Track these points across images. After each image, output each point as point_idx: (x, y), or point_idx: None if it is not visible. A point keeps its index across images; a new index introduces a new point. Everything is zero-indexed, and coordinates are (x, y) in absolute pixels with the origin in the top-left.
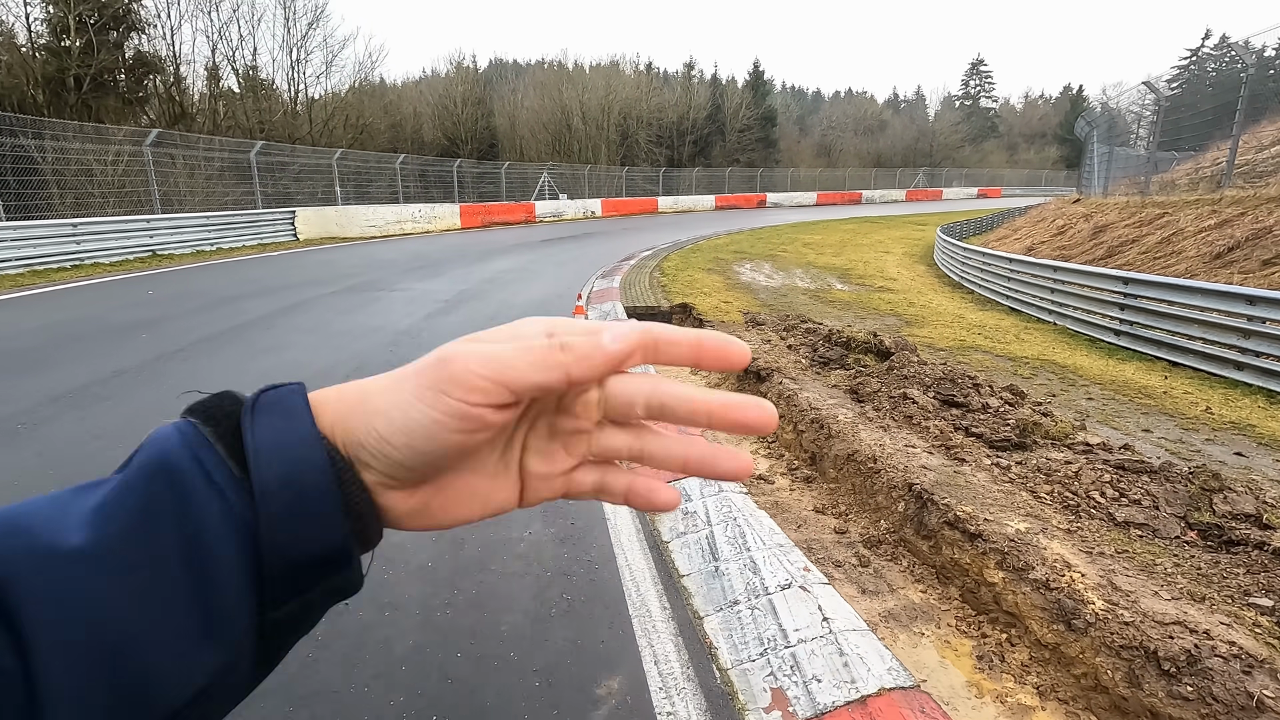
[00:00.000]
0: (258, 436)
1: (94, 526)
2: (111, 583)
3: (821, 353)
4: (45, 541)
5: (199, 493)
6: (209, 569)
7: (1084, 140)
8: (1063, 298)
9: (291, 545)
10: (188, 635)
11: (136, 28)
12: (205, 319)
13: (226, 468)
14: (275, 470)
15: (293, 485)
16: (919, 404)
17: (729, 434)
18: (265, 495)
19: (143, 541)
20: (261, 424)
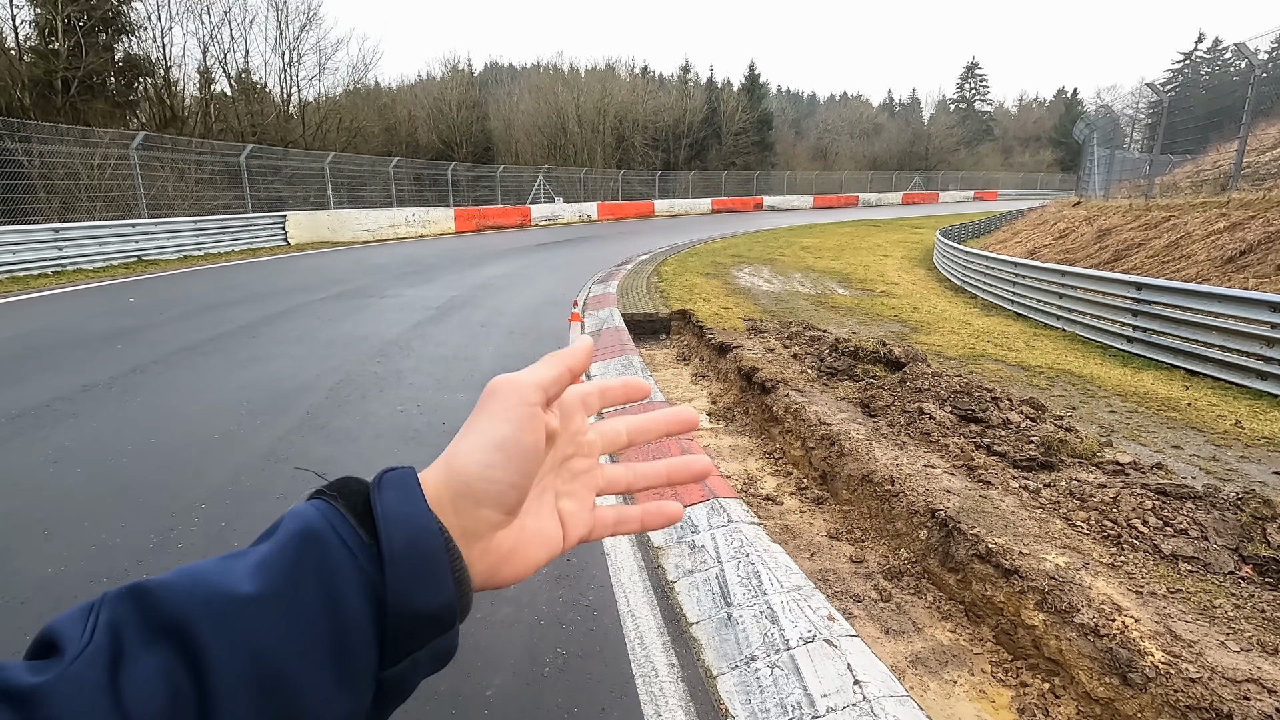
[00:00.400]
0: (385, 508)
1: (258, 577)
2: (273, 625)
3: (829, 363)
4: (223, 589)
5: (336, 552)
6: (344, 621)
7: (1082, 143)
8: (1072, 303)
9: (410, 603)
10: (328, 680)
11: (127, 30)
12: (187, 327)
13: (358, 535)
14: (400, 537)
15: (415, 549)
16: (936, 419)
17: None
18: (393, 557)
19: (296, 591)
20: (387, 498)
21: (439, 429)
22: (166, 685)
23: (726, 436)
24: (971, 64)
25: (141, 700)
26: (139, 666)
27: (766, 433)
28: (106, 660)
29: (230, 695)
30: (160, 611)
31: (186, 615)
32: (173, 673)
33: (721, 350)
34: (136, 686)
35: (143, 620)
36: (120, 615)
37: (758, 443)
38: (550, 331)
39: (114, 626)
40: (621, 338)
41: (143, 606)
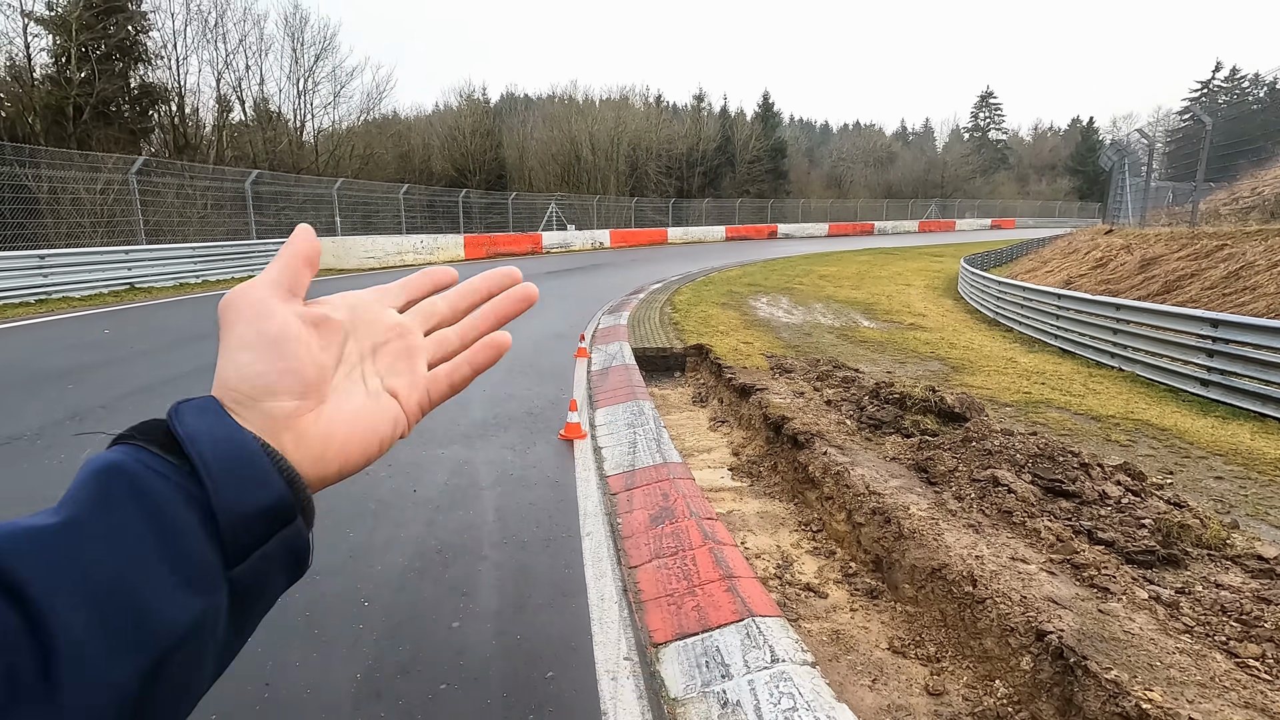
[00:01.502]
0: (189, 426)
1: (65, 510)
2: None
3: (870, 412)
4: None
5: (147, 479)
6: (174, 531)
7: (1109, 170)
8: (1129, 339)
9: (239, 506)
10: (168, 583)
11: (143, 59)
12: (152, 364)
13: (166, 460)
14: (210, 449)
15: (229, 455)
16: (1016, 493)
17: None
18: (207, 469)
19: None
20: (188, 420)
21: (408, 496)
22: None
23: (753, 499)
24: (986, 93)
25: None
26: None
27: (800, 496)
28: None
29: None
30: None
31: None
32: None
33: (743, 392)
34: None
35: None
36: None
37: (790, 509)
38: (554, 369)
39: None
40: (631, 378)
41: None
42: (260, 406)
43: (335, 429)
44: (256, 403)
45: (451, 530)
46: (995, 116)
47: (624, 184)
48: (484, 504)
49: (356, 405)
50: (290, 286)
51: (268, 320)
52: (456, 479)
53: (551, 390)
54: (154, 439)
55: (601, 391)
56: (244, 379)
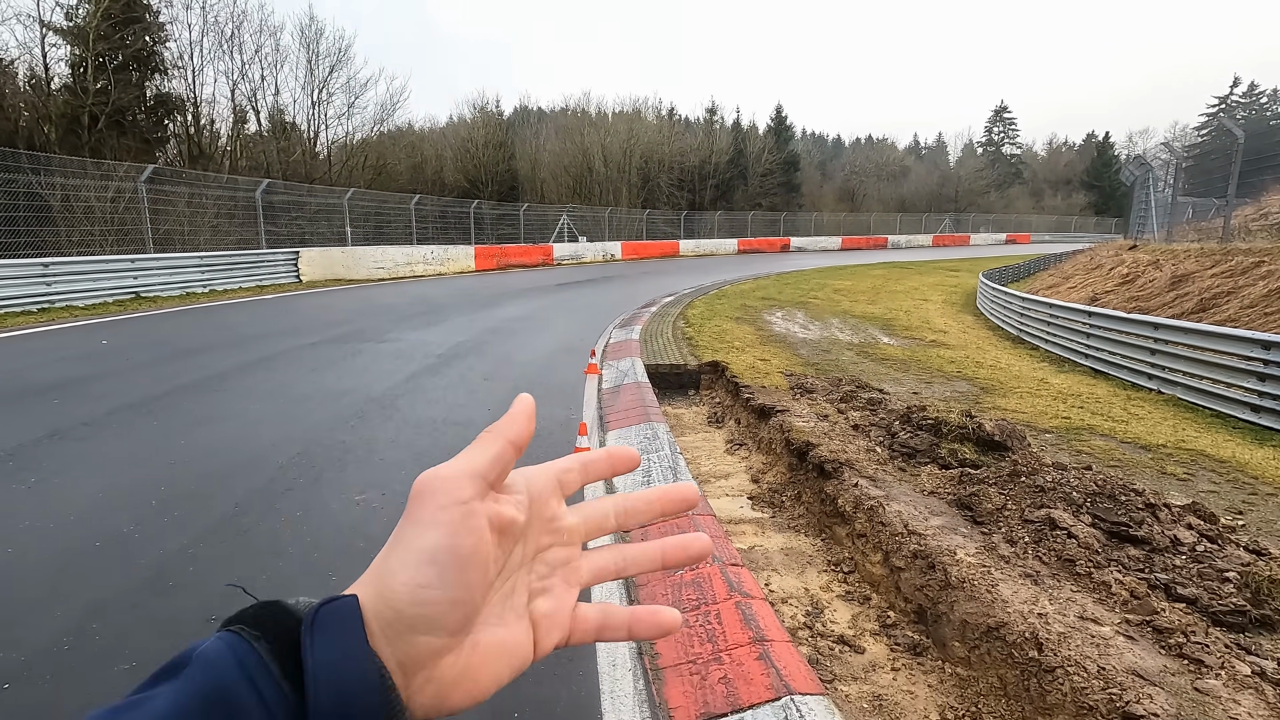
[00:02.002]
0: (317, 660)
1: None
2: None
3: (902, 439)
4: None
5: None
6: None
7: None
8: (1168, 360)
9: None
10: None
11: (160, 70)
12: (146, 377)
13: (280, 690)
14: (331, 696)
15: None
16: (1078, 538)
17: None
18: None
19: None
20: (320, 644)
21: None
22: None
23: (775, 533)
24: (1000, 107)
25: None
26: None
27: (828, 531)
28: None
29: None
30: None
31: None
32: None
33: (763, 414)
34: None
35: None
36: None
37: (817, 545)
38: (562, 386)
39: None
40: (644, 397)
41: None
42: (414, 640)
43: (471, 665)
44: (413, 635)
45: None
46: (1009, 131)
47: (636, 196)
48: None
49: (494, 636)
50: (494, 480)
51: (465, 534)
52: None
53: (560, 410)
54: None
55: (613, 412)
56: (417, 602)
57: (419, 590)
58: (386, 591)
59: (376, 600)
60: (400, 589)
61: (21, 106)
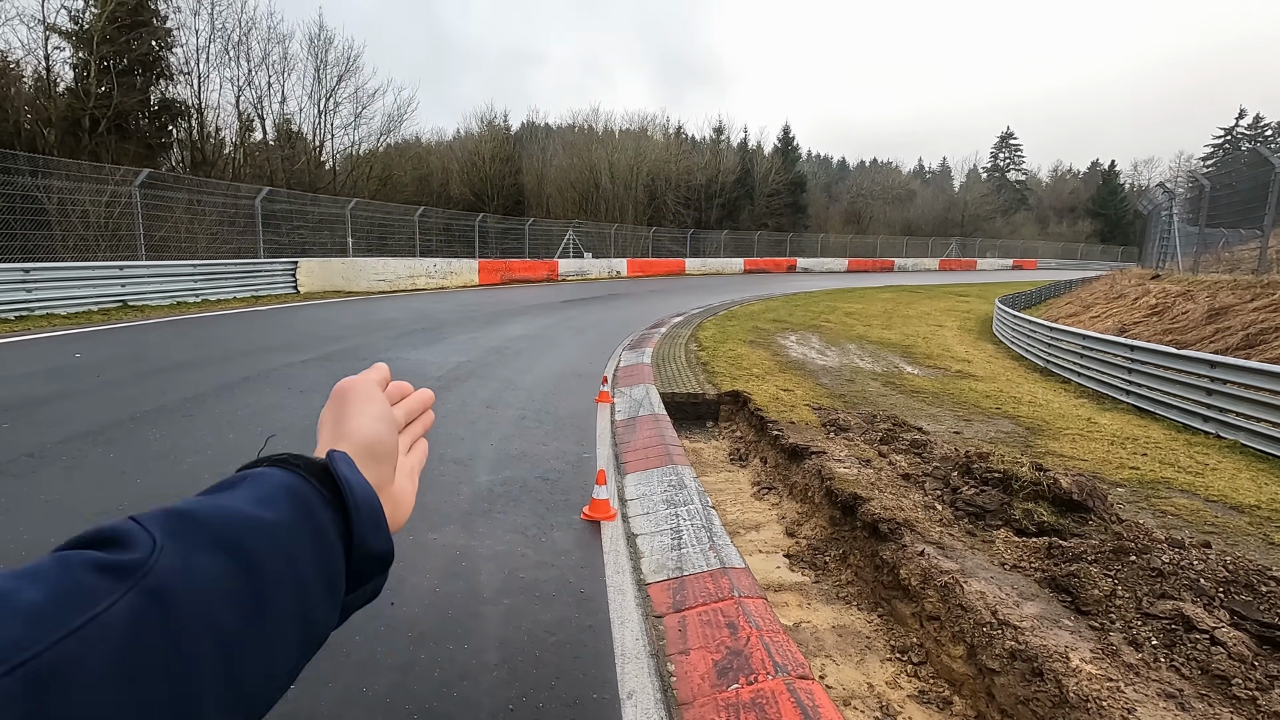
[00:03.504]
0: (344, 475)
1: (271, 509)
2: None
3: (966, 495)
4: (251, 515)
5: (316, 502)
6: (332, 554)
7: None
8: (1226, 401)
9: (367, 546)
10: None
11: (165, 75)
12: (114, 398)
13: (326, 495)
14: (359, 497)
15: (369, 506)
16: (1225, 645)
17: None
18: (357, 510)
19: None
20: (341, 469)
21: (382, 613)
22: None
23: (822, 605)
24: (1006, 133)
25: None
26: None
27: (886, 604)
28: (180, 558)
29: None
30: (208, 528)
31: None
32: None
33: (794, 454)
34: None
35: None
36: (171, 527)
37: (874, 621)
38: (572, 417)
39: (173, 535)
40: (664, 433)
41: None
42: (380, 468)
43: (399, 494)
44: (378, 464)
45: (435, 684)
46: (1015, 157)
47: (642, 213)
48: (485, 632)
49: (404, 484)
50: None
51: (387, 405)
52: (450, 584)
53: (571, 446)
54: (315, 474)
55: (630, 450)
56: (381, 442)
57: (379, 435)
58: (359, 438)
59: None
60: (369, 434)
61: (25, 109)
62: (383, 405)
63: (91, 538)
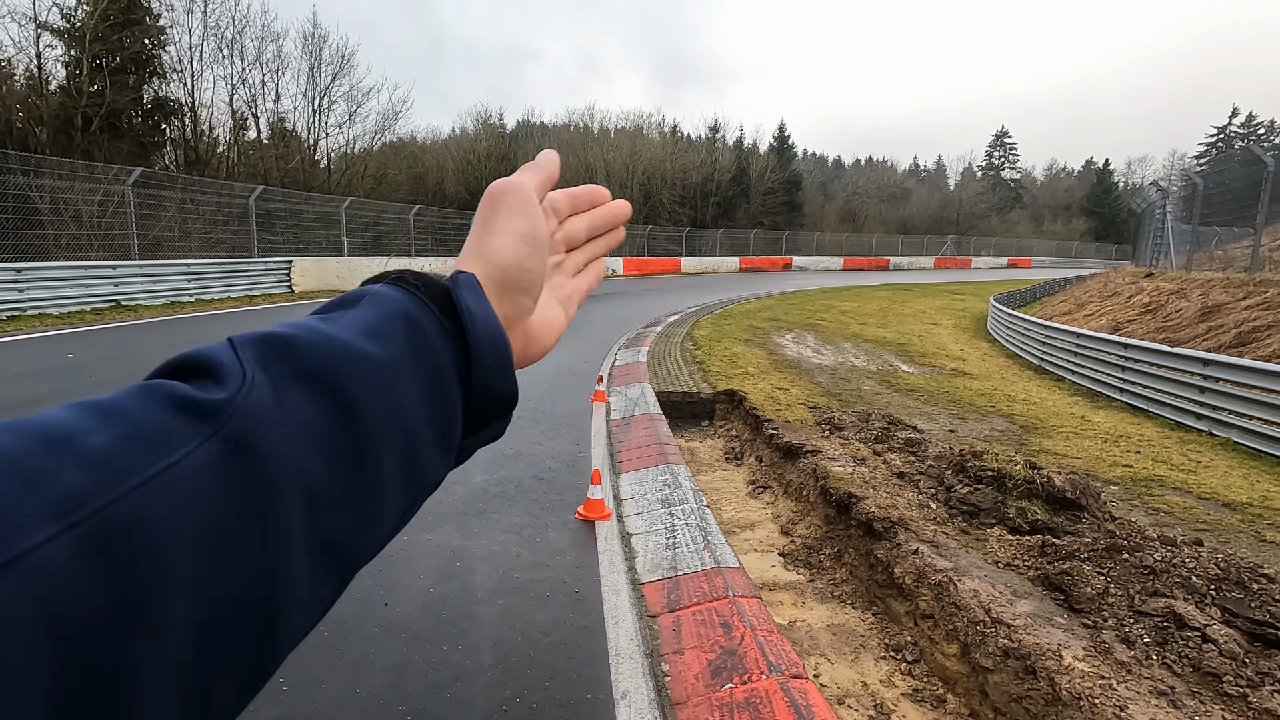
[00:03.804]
0: (467, 306)
1: (378, 343)
2: (398, 385)
3: (961, 494)
4: (355, 347)
5: (434, 336)
6: (447, 396)
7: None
8: (1218, 399)
9: (490, 388)
10: (430, 439)
11: (158, 73)
12: None
13: (445, 327)
14: (483, 332)
15: (493, 344)
16: (1217, 643)
17: None
18: (478, 346)
19: (408, 361)
20: (466, 297)
21: (375, 615)
22: (322, 415)
23: (817, 603)
24: (1001, 132)
25: (305, 423)
26: (297, 400)
27: (881, 603)
28: (271, 393)
29: (373, 432)
30: (306, 359)
31: (332, 364)
32: (324, 408)
33: (789, 453)
34: (299, 412)
35: (290, 364)
36: (266, 357)
37: (869, 620)
38: (568, 416)
39: (265, 365)
40: (659, 432)
41: (287, 351)
42: (516, 299)
43: (536, 329)
44: (515, 294)
45: (429, 685)
46: (1010, 156)
47: (638, 212)
48: (479, 633)
49: (547, 313)
50: (542, 197)
51: (540, 223)
52: (444, 585)
53: (566, 445)
54: (436, 300)
55: (625, 449)
56: (522, 269)
57: (522, 259)
58: (498, 261)
59: (488, 269)
60: (509, 259)
61: (16, 107)
62: (531, 221)
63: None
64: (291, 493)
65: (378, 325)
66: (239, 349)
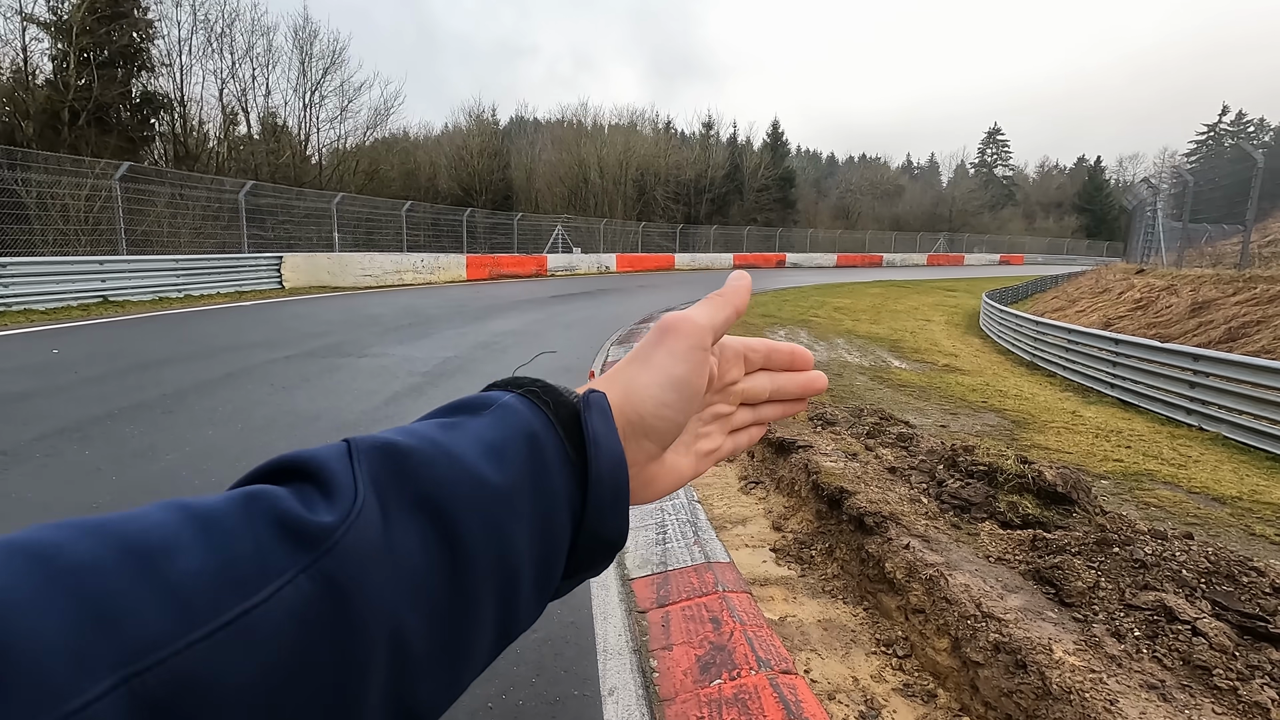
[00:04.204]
0: (595, 432)
1: (500, 470)
2: (511, 522)
3: (952, 488)
4: (474, 473)
5: (555, 464)
6: (554, 533)
7: (1133, 210)
8: (1208, 394)
9: (600, 529)
10: (531, 583)
11: (146, 67)
12: (92, 394)
13: (568, 451)
14: (606, 465)
15: (614, 478)
16: (1207, 636)
17: None
18: (599, 483)
19: (525, 494)
20: (595, 421)
21: None
22: (427, 555)
23: (808, 598)
24: (994, 129)
25: (408, 565)
26: (403, 531)
27: (872, 598)
28: (379, 519)
29: (477, 578)
30: (419, 482)
31: (444, 492)
32: (431, 545)
33: (781, 449)
34: (404, 550)
35: (402, 485)
36: (381, 473)
37: (860, 615)
38: None
39: (378, 485)
40: None
41: (402, 472)
42: (644, 444)
43: (653, 477)
44: (643, 439)
45: None
46: (1003, 153)
47: (631, 208)
48: None
49: (675, 463)
50: (718, 337)
51: (700, 372)
52: None
53: None
54: (563, 419)
55: None
56: (659, 416)
57: (662, 407)
58: (635, 399)
59: (623, 403)
60: (649, 401)
61: (2, 101)
62: (693, 368)
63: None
64: (380, 649)
65: (501, 444)
66: (355, 458)
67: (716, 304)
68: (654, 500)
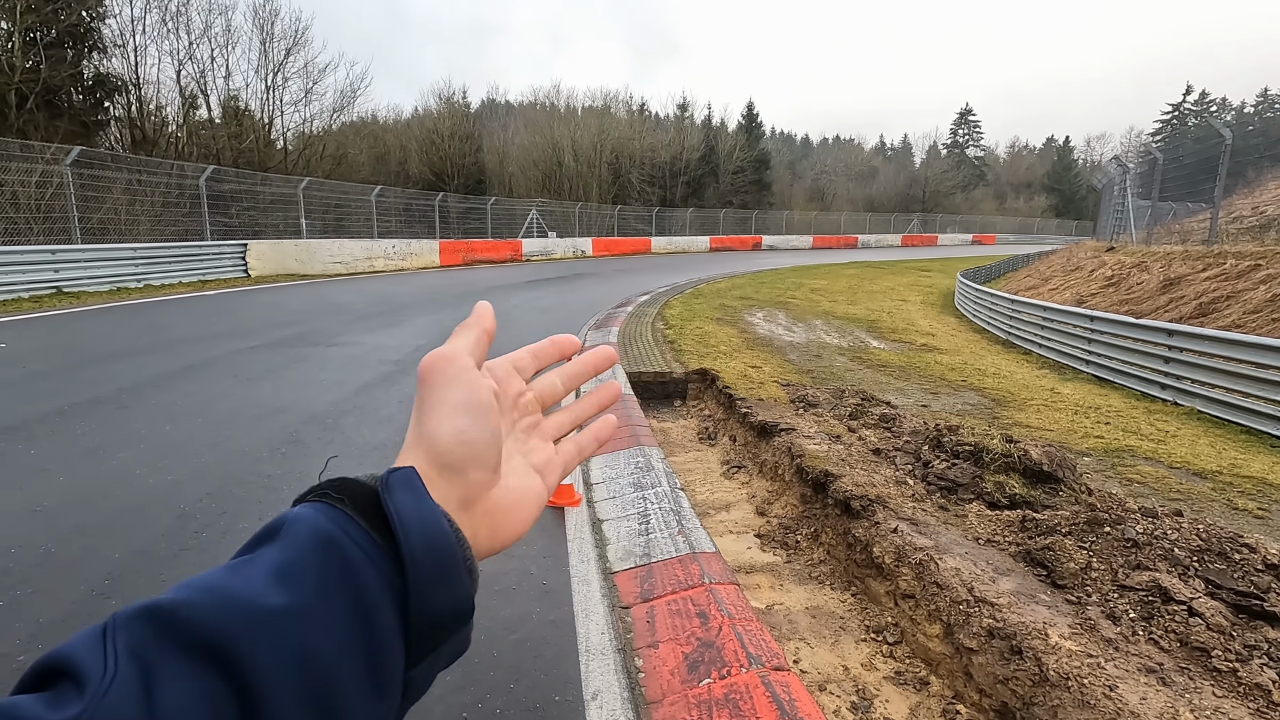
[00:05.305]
0: (400, 510)
1: (284, 589)
2: (310, 637)
3: (938, 469)
4: (254, 602)
5: (356, 560)
6: (376, 628)
7: (1101, 188)
8: (1182, 369)
9: (432, 604)
10: (364, 685)
11: (97, 47)
12: (41, 390)
13: (373, 539)
14: (419, 540)
15: (433, 549)
16: (1203, 616)
17: None
18: (414, 561)
19: (325, 602)
20: (399, 499)
21: None
22: (209, 707)
23: (795, 585)
24: (965, 109)
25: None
26: (174, 691)
27: (860, 584)
28: (138, 689)
29: (278, 703)
30: (191, 630)
31: (222, 632)
32: (214, 693)
33: (764, 432)
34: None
35: (171, 641)
36: (140, 638)
37: (848, 601)
38: None
39: (137, 650)
40: (630, 414)
41: (168, 627)
42: (466, 476)
43: (507, 504)
44: (463, 472)
45: None
46: (974, 134)
47: (606, 192)
48: None
49: (518, 482)
50: (479, 359)
51: (479, 389)
52: None
53: None
54: (360, 508)
55: None
56: (462, 443)
57: (460, 434)
58: (434, 442)
59: (428, 453)
60: (445, 437)
61: None
62: (468, 390)
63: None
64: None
65: (289, 563)
66: (110, 635)
67: (462, 331)
68: (525, 525)
